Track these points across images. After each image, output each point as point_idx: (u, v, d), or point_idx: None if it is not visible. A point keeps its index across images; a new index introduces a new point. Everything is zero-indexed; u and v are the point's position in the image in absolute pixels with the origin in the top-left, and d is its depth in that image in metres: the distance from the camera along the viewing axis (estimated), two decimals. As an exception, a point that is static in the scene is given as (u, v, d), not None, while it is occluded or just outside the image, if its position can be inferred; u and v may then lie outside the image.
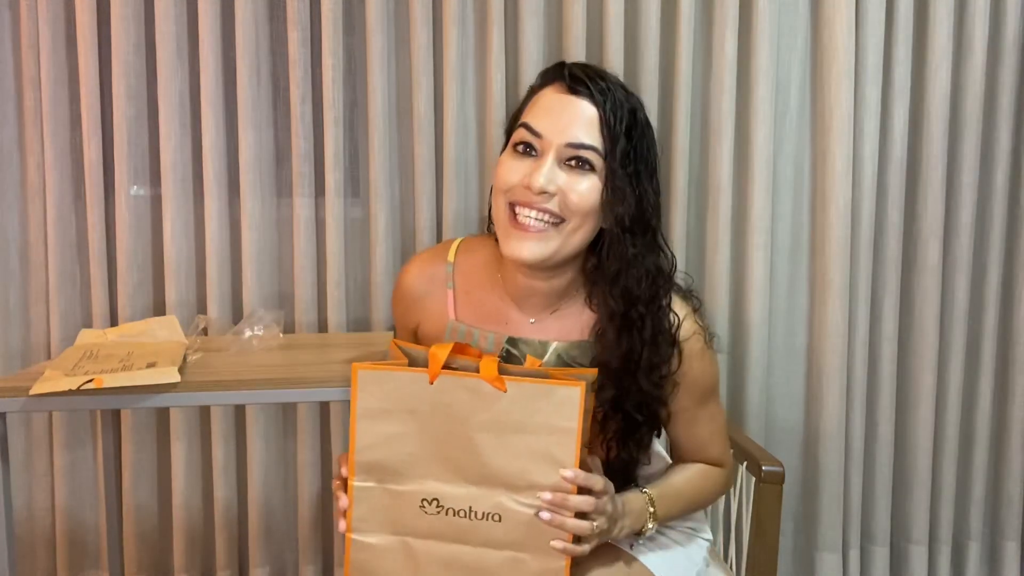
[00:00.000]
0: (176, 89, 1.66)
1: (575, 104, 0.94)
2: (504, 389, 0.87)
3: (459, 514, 0.89)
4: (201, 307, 1.70)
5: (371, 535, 0.91)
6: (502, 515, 0.88)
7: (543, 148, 0.94)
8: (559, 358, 1.03)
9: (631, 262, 0.96)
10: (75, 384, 1.15)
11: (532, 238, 0.93)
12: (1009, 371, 1.88)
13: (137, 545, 1.74)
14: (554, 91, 0.97)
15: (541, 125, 0.94)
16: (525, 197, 0.93)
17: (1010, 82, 1.78)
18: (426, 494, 0.89)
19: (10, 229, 1.70)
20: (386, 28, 1.67)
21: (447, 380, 0.88)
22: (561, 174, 0.93)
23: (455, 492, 0.89)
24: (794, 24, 1.74)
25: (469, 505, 0.89)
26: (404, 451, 0.90)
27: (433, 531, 0.90)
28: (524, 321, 1.05)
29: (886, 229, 1.78)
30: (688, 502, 1.07)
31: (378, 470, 0.90)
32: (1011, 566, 1.92)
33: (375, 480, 0.91)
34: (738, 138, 1.73)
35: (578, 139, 0.93)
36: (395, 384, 0.89)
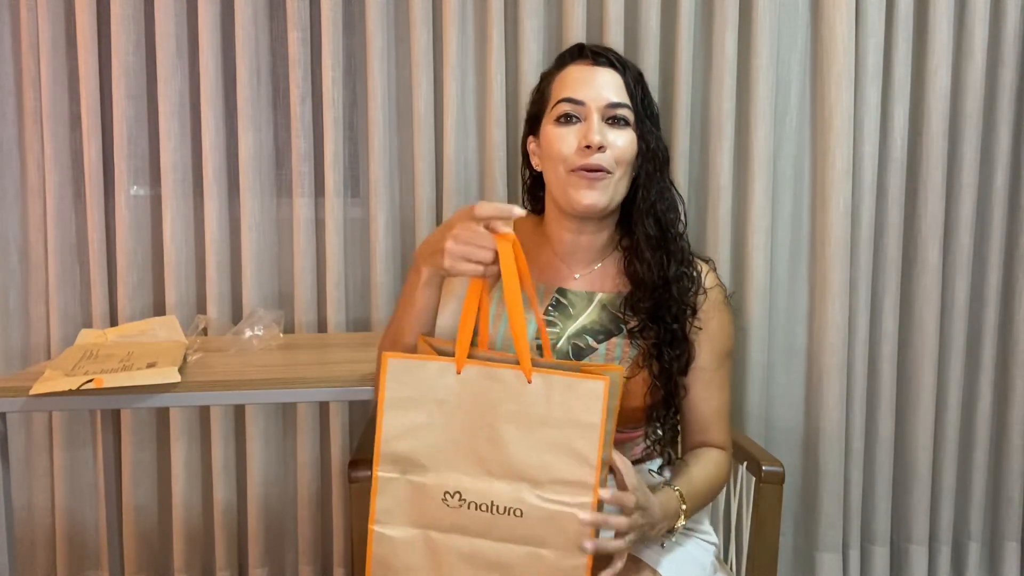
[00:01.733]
0: (176, 89, 1.66)
1: (602, 72, 1.09)
2: (530, 379, 0.88)
3: (481, 508, 0.89)
4: (201, 307, 1.70)
5: (393, 528, 0.92)
6: (523, 510, 0.88)
7: (585, 113, 1.07)
8: (603, 308, 1.13)
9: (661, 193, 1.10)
10: (75, 384, 1.15)
11: (595, 187, 1.06)
12: (1009, 371, 1.88)
13: (137, 545, 1.74)
14: (579, 66, 1.10)
15: (581, 94, 1.07)
16: (583, 159, 1.05)
17: (1010, 82, 1.78)
18: (449, 487, 0.90)
19: (10, 229, 1.70)
20: (386, 28, 1.67)
21: (474, 370, 0.90)
22: (607, 130, 1.06)
23: (478, 485, 0.89)
24: (794, 24, 1.75)
25: (491, 499, 0.89)
26: (429, 442, 0.91)
27: (455, 525, 0.90)
28: (571, 276, 1.16)
29: (886, 229, 1.78)
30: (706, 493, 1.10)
31: (403, 461, 0.92)
32: (1011, 566, 1.92)
33: (399, 471, 0.92)
34: (738, 138, 1.73)
35: (614, 100, 1.07)
36: (423, 374, 0.91)
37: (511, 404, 0.89)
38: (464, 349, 0.91)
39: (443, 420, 0.91)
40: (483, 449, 0.89)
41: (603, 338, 1.12)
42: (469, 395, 0.90)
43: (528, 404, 0.88)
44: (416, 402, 0.91)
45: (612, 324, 1.13)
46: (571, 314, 1.14)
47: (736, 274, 1.76)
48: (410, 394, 0.91)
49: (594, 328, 1.12)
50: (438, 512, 0.91)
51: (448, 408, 0.91)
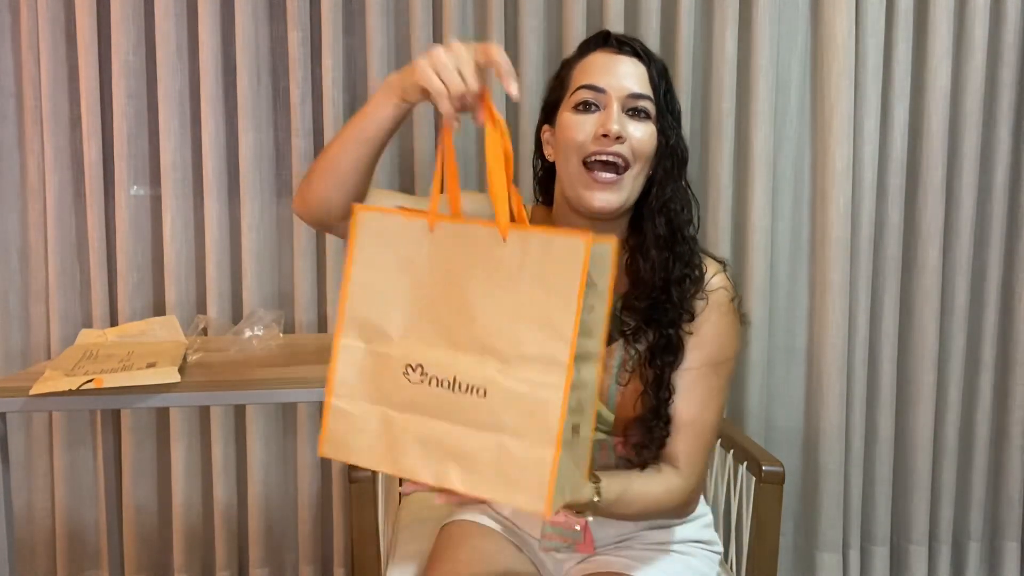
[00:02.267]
0: (176, 89, 1.66)
1: (625, 62, 1.04)
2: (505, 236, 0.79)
3: (442, 384, 0.79)
4: (201, 307, 1.70)
5: (351, 401, 0.83)
6: (487, 390, 0.77)
7: (605, 102, 1.02)
8: None
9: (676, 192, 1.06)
10: (75, 384, 1.15)
11: (608, 189, 1.01)
12: (1009, 371, 1.88)
13: (137, 545, 1.74)
14: (603, 54, 1.05)
15: (602, 82, 1.02)
16: (599, 145, 1.00)
17: (1010, 82, 1.78)
18: (412, 359, 0.80)
19: (10, 229, 1.70)
20: (386, 28, 1.67)
21: (448, 227, 0.81)
22: (626, 121, 1.02)
23: (440, 358, 0.79)
24: (794, 24, 1.75)
25: (454, 375, 0.79)
26: (395, 308, 0.81)
27: (413, 403, 0.80)
28: None
29: (886, 229, 1.78)
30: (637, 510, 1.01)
31: (367, 328, 0.83)
32: (1011, 566, 1.92)
33: (362, 340, 0.83)
34: (738, 138, 1.73)
35: (636, 90, 1.02)
36: (395, 231, 0.82)
37: (483, 266, 0.79)
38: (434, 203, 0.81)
39: (411, 284, 0.81)
40: (451, 318, 0.79)
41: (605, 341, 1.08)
42: (440, 256, 0.80)
43: (501, 265, 0.78)
44: (384, 263, 0.82)
45: (613, 325, 1.06)
46: None
47: (736, 274, 1.76)
48: (379, 253, 0.82)
49: None
50: (398, 387, 0.81)
51: (417, 271, 0.81)
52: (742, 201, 1.74)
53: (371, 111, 0.96)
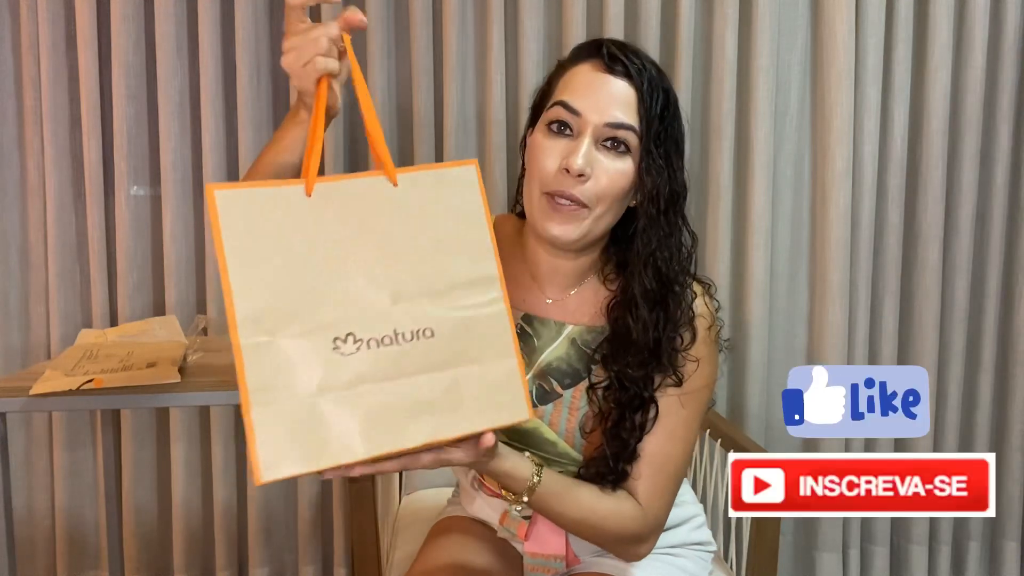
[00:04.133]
0: (176, 89, 1.66)
1: (613, 83, 0.92)
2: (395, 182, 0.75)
3: (383, 342, 0.72)
4: (201, 307, 1.70)
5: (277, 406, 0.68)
6: (434, 328, 0.73)
7: (580, 127, 0.91)
8: (572, 342, 1.01)
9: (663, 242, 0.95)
10: (75, 384, 1.15)
11: (566, 219, 0.92)
12: (1009, 371, 1.88)
13: (137, 545, 1.74)
14: (591, 68, 0.93)
15: (579, 103, 0.91)
16: (559, 186, 0.91)
17: (1010, 82, 1.78)
18: (337, 331, 0.71)
19: (10, 229, 1.70)
20: (386, 28, 1.67)
21: (328, 188, 0.73)
22: (597, 155, 0.91)
23: (371, 319, 0.72)
24: (794, 24, 1.75)
25: (393, 328, 0.72)
26: (294, 286, 0.71)
27: (357, 375, 0.71)
28: (541, 300, 1.03)
29: (886, 229, 1.78)
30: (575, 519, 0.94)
31: (268, 318, 0.70)
32: (1011, 566, 1.92)
33: (267, 333, 0.69)
34: (738, 138, 1.73)
35: (616, 119, 0.91)
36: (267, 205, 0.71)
37: (380, 215, 0.74)
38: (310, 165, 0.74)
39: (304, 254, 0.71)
40: (363, 276, 0.73)
41: (569, 382, 0.99)
42: (329, 219, 0.72)
43: (400, 209, 0.74)
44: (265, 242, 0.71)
45: (580, 363, 1.00)
46: (536, 346, 1.01)
47: (736, 274, 1.76)
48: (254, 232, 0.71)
49: (560, 368, 0.99)
50: (332, 367, 0.70)
51: (306, 240, 0.72)
52: (742, 201, 1.74)
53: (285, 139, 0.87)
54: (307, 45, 0.78)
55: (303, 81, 0.79)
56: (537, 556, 1.04)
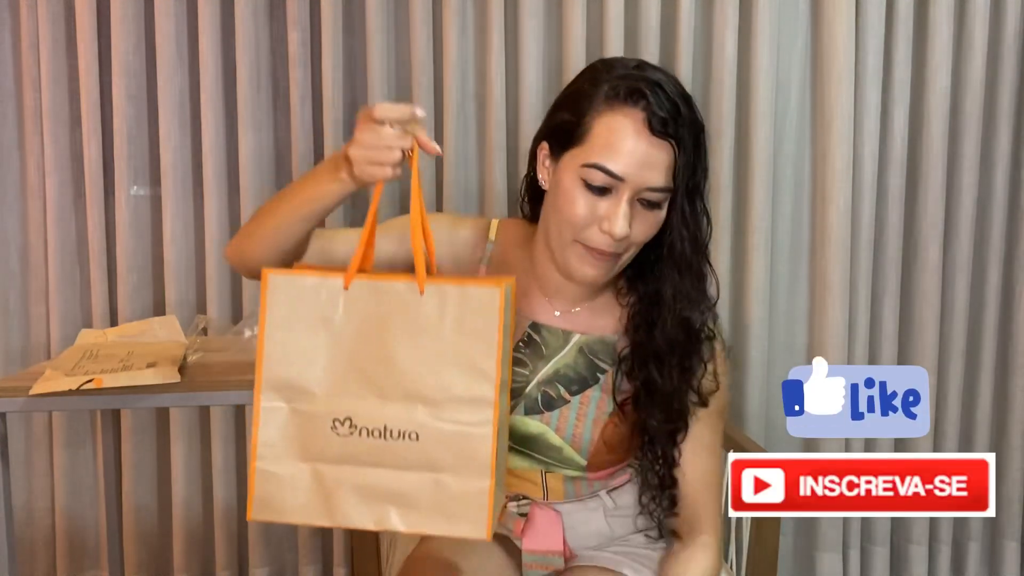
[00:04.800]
0: (176, 89, 1.66)
1: (657, 147, 0.90)
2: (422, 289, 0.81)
3: (373, 434, 0.81)
4: (201, 307, 1.70)
5: (278, 463, 0.82)
6: (419, 433, 0.81)
7: (619, 189, 0.90)
8: (580, 351, 1.02)
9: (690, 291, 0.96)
10: (75, 384, 1.15)
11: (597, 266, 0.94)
12: (1009, 371, 1.88)
13: (137, 545, 1.74)
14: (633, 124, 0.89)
15: (621, 168, 0.89)
16: (596, 243, 0.92)
17: (1010, 82, 1.78)
18: (338, 414, 0.82)
19: (10, 229, 1.70)
20: (386, 28, 1.67)
21: (363, 284, 0.82)
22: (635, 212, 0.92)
23: (369, 410, 0.81)
24: (794, 24, 1.74)
25: (384, 424, 0.81)
26: (316, 366, 0.82)
27: (345, 455, 0.82)
28: (549, 311, 1.03)
29: (886, 229, 1.78)
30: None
31: (287, 388, 0.83)
32: (1011, 566, 1.92)
33: (284, 400, 0.83)
34: (738, 138, 1.72)
35: (657, 183, 0.90)
36: (309, 291, 0.82)
37: (403, 319, 0.81)
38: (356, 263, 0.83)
39: (330, 341, 0.82)
40: (374, 370, 0.82)
41: (577, 389, 1.00)
42: (358, 312, 0.82)
43: (421, 317, 0.81)
44: (301, 323, 0.82)
45: (588, 371, 1.01)
46: (544, 354, 1.02)
47: (736, 274, 1.76)
48: (294, 314, 0.82)
49: (568, 375, 1.01)
50: (327, 443, 0.82)
51: (335, 328, 0.82)
52: (742, 201, 1.74)
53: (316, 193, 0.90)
54: (381, 152, 0.82)
55: (363, 176, 0.84)
56: (535, 553, 1.05)
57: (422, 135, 0.83)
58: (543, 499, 1.05)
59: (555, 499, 1.06)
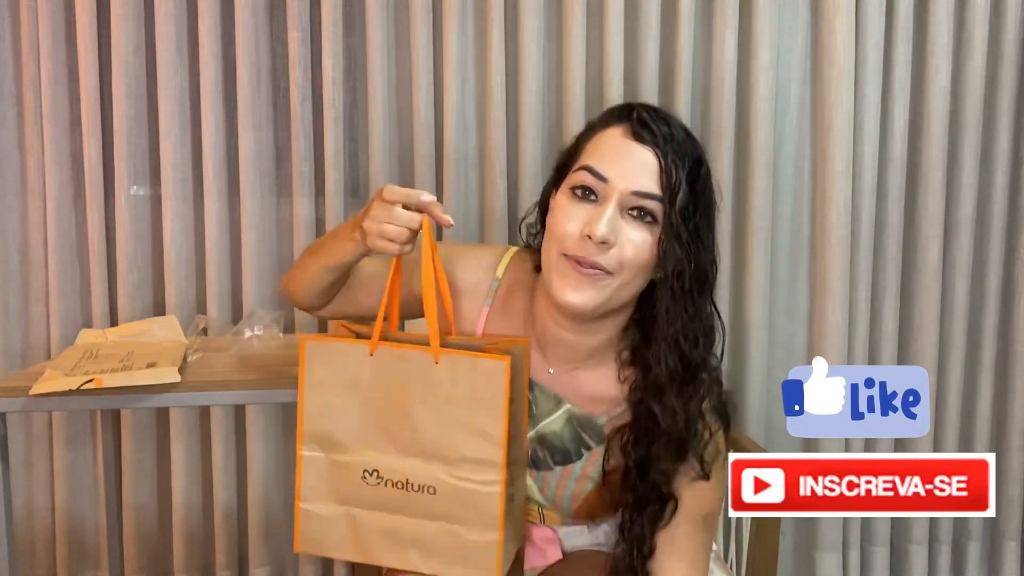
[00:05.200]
0: (176, 89, 1.66)
1: (641, 151, 0.88)
2: (437, 359, 0.89)
3: (397, 485, 0.91)
4: (201, 307, 1.70)
5: (318, 504, 0.95)
6: (436, 487, 0.90)
7: (606, 194, 0.88)
8: (568, 421, 0.99)
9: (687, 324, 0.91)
10: (75, 384, 1.15)
11: (585, 284, 0.88)
12: (1009, 371, 1.88)
13: (137, 545, 1.74)
14: (619, 134, 0.90)
15: (607, 169, 0.88)
16: (581, 251, 0.87)
17: (1010, 82, 1.78)
18: (367, 465, 0.92)
19: (10, 229, 1.70)
20: (386, 28, 1.67)
21: (386, 351, 0.92)
22: (622, 223, 0.88)
23: (393, 464, 0.91)
24: (794, 24, 1.74)
25: (406, 477, 0.91)
26: (347, 422, 0.93)
27: (375, 502, 0.92)
28: (544, 368, 1.00)
29: (886, 229, 1.78)
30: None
31: (324, 440, 0.94)
32: (1011, 566, 1.92)
33: (321, 450, 0.94)
34: (738, 138, 1.72)
35: (644, 187, 0.87)
36: (340, 355, 0.93)
37: (420, 384, 0.90)
38: (377, 331, 0.92)
39: (359, 401, 0.92)
40: (397, 429, 0.91)
41: (560, 460, 0.98)
42: (382, 376, 0.92)
43: (435, 384, 0.90)
44: (333, 383, 0.93)
45: (573, 444, 0.98)
46: (533, 413, 0.98)
47: (736, 274, 1.76)
48: (328, 375, 0.93)
49: (553, 443, 0.98)
50: (358, 490, 0.93)
51: (363, 389, 0.92)
52: (742, 201, 1.74)
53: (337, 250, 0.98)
54: (393, 231, 0.88)
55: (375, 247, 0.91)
56: (536, 569, 1.05)
57: (436, 210, 0.89)
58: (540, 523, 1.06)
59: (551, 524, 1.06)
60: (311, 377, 0.94)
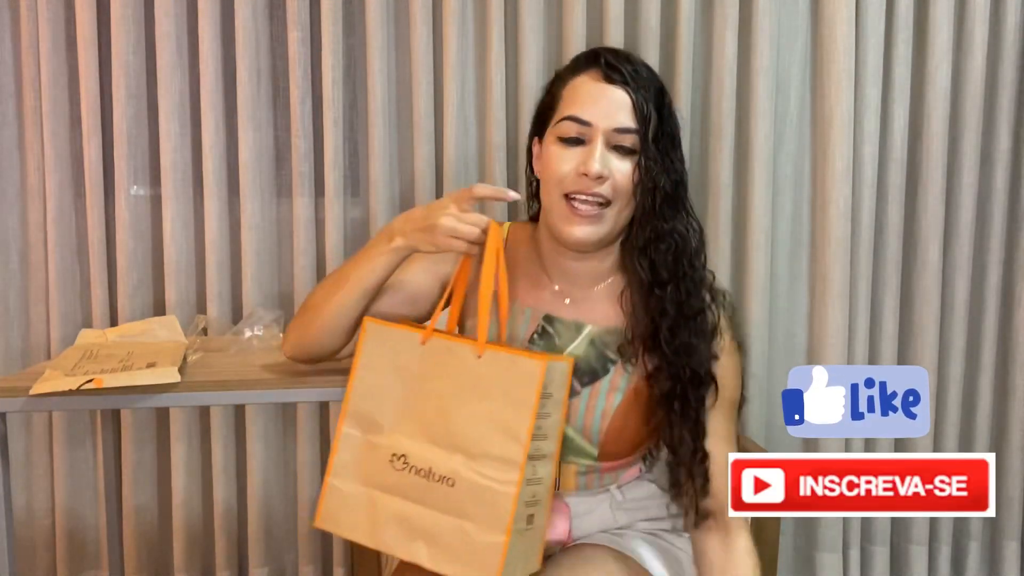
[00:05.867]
0: (176, 89, 1.66)
1: (613, 91, 1.00)
2: (481, 354, 0.93)
3: (420, 473, 0.93)
4: (201, 307, 1.70)
5: (345, 482, 0.98)
6: (455, 480, 0.92)
7: (591, 135, 1.00)
8: (592, 343, 1.07)
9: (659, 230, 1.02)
10: (75, 384, 1.15)
11: (588, 222, 1.00)
12: (1009, 371, 1.88)
13: (137, 545, 1.74)
14: (591, 79, 1.02)
15: (588, 114, 1.00)
16: (579, 185, 0.99)
17: (1010, 82, 1.78)
18: (397, 449, 0.95)
19: (10, 229, 1.70)
20: (386, 28, 1.67)
21: (436, 342, 0.96)
22: (610, 157, 1.00)
23: (420, 451, 0.94)
24: (794, 24, 1.74)
25: (429, 466, 0.93)
26: (387, 405, 0.96)
27: (396, 487, 0.94)
28: (560, 301, 1.09)
29: (886, 229, 1.78)
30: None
31: (364, 421, 0.98)
32: (1011, 566, 1.92)
33: (359, 430, 0.98)
34: (738, 138, 1.72)
35: (623, 123, 1.00)
36: (394, 340, 0.97)
37: (460, 377, 0.93)
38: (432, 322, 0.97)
39: (402, 386, 0.96)
40: (430, 418, 0.94)
41: (588, 380, 1.05)
42: (427, 365, 0.95)
43: (475, 378, 0.92)
44: (383, 366, 0.97)
45: (598, 363, 1.06)
46: (556, 345, 1.07)
47: (736, 274, 1.76)
48: (379, 358, 0.97)
49: (578, 366, 1.04)
50: (384, 473, 0.95)
51: (408, 375, 0.96)
52: (742, 201, 1.74)
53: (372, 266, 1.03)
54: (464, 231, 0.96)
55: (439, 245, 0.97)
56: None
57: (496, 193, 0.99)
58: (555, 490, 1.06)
59: (566, 490, 1.08)
60: (365, 357, 0.98)
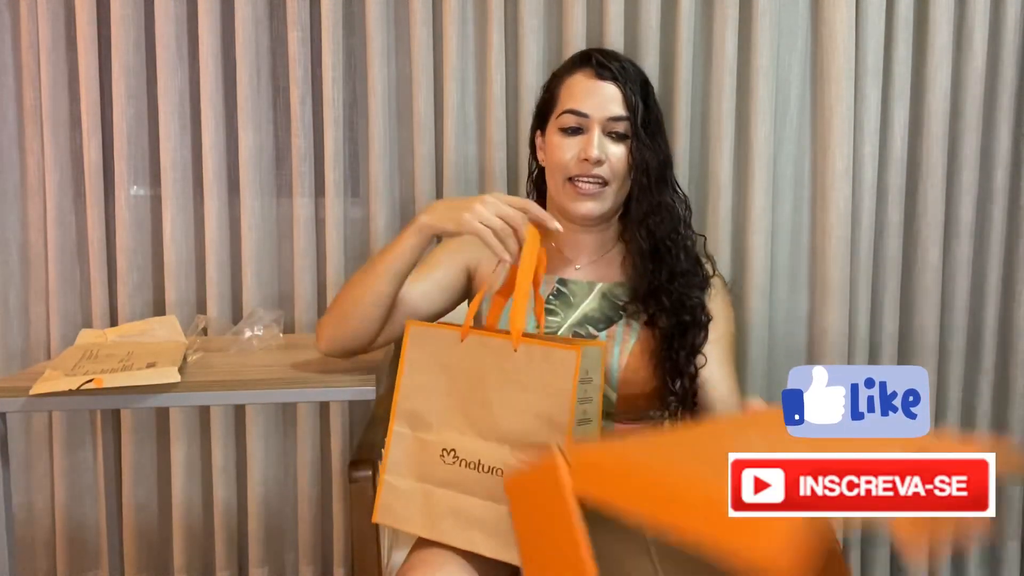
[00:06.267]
0: (176, 89, 1.66)
1: (605, 86, 1.18)
2: (516, 348, 0.96)
3: (470, 466, 0.97)
4: (201, 307, 1.70)
5: (400, 478, 1.02)
6: (504, 471, 0.94)
7: (588, 125, 1.18)
8: (603, 296, 1.23)
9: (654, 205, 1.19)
10: (75, 384, 1.15)
11: (591, 199, 1.19)
12: (1009, 371, 1.88)
13: (137, 545, 1.74)
14: (585, 77, 1.20)
15: (585, 107, 1.18)
16: (581, 169, 1.18)
17: (1010, 82, 1.77)
18: (446, 444, 0.99)
19: (10, 229, 1.70)
20: (386, 28, 1.67)
21: (474, 339, 1.00)
22: (606, 142, 1.17)
23: (469, 445, 0.98)
24: (794, 24, 1.74)
25: (479, 458, 0.97)
26: (434, 403, 1.01)
27: (448, 481, 0.98)
28: (571, 268, 1.27)
29: (886, 229, 1.78)
30: None
31: (413, 418, 1.02)
32: (1011, 566, 1.92)
33: (410, 428, 1.02)
34: (738, 138, 1.72)
35: (615, 113, 1.17)
36: (436, 340, 1.02)
37: (499, 371, 0.97)
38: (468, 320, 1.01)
39: (446, 383, 1.00)
40: (475, 412, 0.98)
41: (604, 326, 1.20)
42: (468, 362, 0.99)
43: (513, 371, 0.96)
44: (428, 366, 1.02)
45: (612, 311, 1.22)
46: (572, 303, 1.22)
47: (736, 274, 1.76)
48: (423, 358, 1.02)
49: (595, 317, 1.21)
50: (436, 468, 0.99)
51: (451, 373, 1.00)
52: (742, 201, 1.74)
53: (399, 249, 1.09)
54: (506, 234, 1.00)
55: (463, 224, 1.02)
56: None
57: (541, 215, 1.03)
58: None
59: None
60: (410, 359, 1.03)
